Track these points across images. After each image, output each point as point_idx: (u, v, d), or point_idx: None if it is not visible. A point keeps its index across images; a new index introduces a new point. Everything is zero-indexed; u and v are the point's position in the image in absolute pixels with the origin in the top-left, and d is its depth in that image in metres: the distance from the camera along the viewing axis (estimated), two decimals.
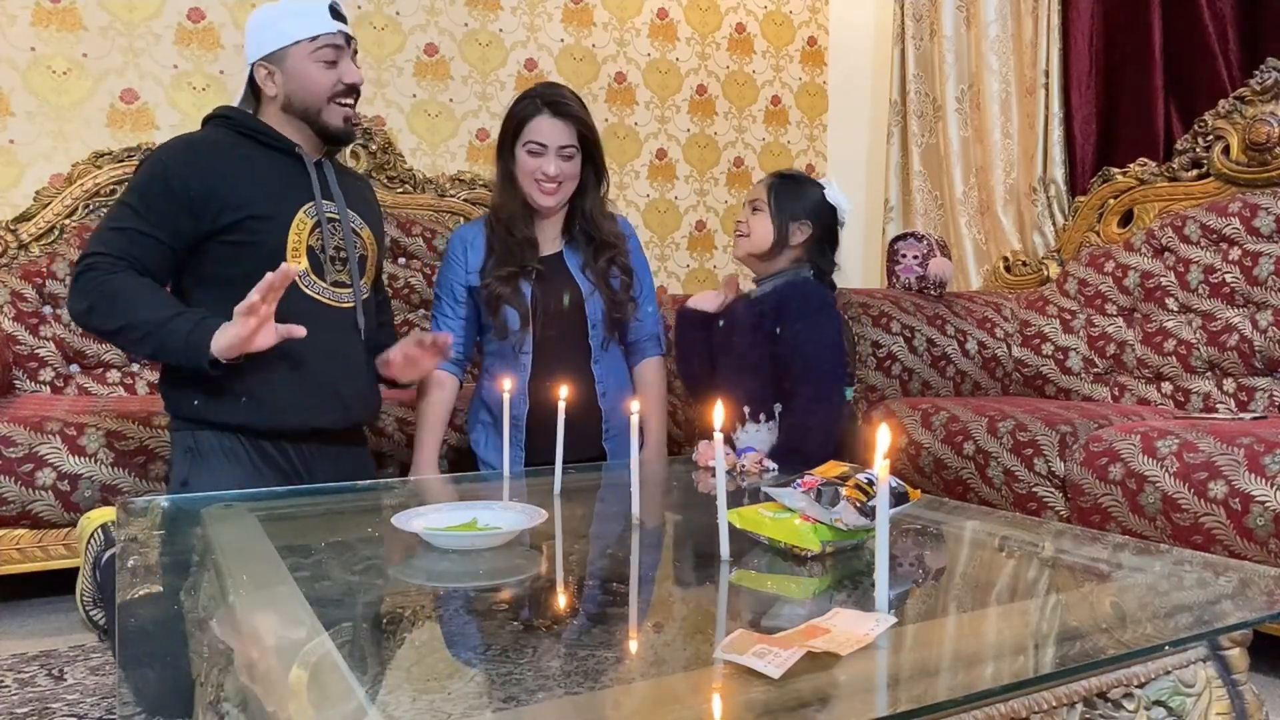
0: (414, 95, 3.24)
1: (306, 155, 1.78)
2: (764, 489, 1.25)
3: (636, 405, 1.40)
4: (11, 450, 1.91)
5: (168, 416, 1.79)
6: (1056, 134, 3.19)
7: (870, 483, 1.16)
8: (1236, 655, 0.96)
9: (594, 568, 1.22)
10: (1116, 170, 2.91)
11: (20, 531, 1.96)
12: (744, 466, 1.74)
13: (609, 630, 0.97)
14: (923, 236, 3.03)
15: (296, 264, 1.72)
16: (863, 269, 3.98)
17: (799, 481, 1.19)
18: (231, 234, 1.68)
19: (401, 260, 2.91)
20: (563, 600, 1.07)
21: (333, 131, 1.78)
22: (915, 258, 2.96)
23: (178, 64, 2.90)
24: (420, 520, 1.23)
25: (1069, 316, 2.81)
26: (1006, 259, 3.23)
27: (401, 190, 3.00)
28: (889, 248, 3.10)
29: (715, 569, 1.12)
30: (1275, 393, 2.35)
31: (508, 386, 1.67)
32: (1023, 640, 0.92)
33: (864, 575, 1.09)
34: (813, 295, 1.91)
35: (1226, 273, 2.48)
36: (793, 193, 1.95)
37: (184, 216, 1.67)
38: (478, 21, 3.33)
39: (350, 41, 1.78)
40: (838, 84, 4.06)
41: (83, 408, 2.08)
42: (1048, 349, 2.81)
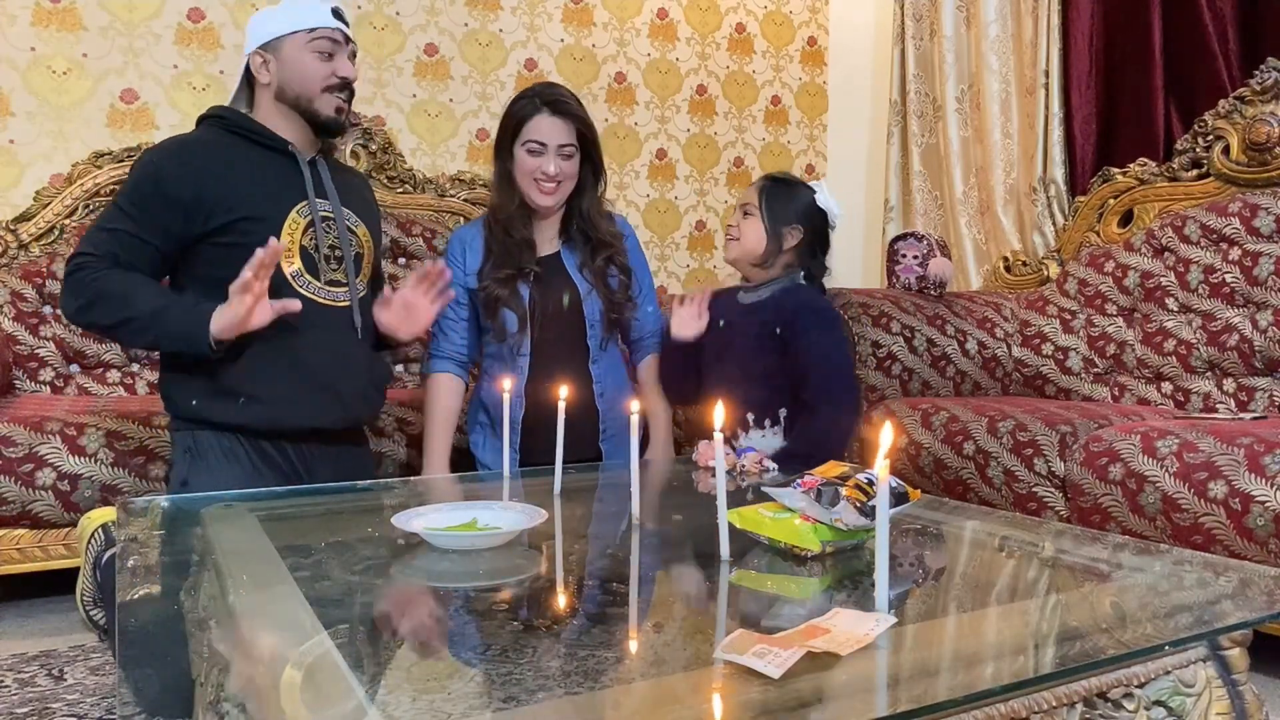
0: (414, 95, 3.24)
1: (300, 154, 1.78)
2: (764, 489, 1.25)
3: (636, 405, 1.40)
4: (11, 450, 1.91)
5: (168, 416, 1.79)
6: (1056, 134, 3.19)
7: (870, 483, 1.16)
8: (1236, 655, 0.96)
9: (594, 568, 1.22)
10: (1116, 170, 2.91)
11: (20, 531, 1.96)
12: (744, 466, 1.74)
13: (609, 630, 0.97)
14: (923, 236, 3.03)
15: (288, 260, 1.72)
16: (863, 269, 3.98)
17: (799, 481, 1.19)
18: (224, 235, 1.68)
19: (401, 260, 2.90)
20: (563, 600, 1.07)
21: (323, 120, 1.77)
22: (915, 258, 2.96)
23: (178, 64, 2.90)
24: (420, 520, 1.23)
25: (1069, 316, 2.81)
26: (1006, 259, 3.23)
27: (401, 190, 3.00)
28: (889, 248, 3.10)
29: (715, 569, 1.12)
30: (1275, 393, 2.35)
31: (507, 387, 1.67)
32: (1023, 640, 0.92)
33: (864, 575, 1.09)
34: (824, 306, 1.95)
35: (1226, 273, 2.48)
36: (784, 197, 1.95)
37: (174, 218, 1.67)
38: (478, 21, 3.33)
39: (349, 42, 1.78)
40: (838, 84, 4.06)
41: (83, 408, 2.08)
42: (1048, 349, 2.81)
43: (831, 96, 4.07)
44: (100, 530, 1.54)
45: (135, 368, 2.59)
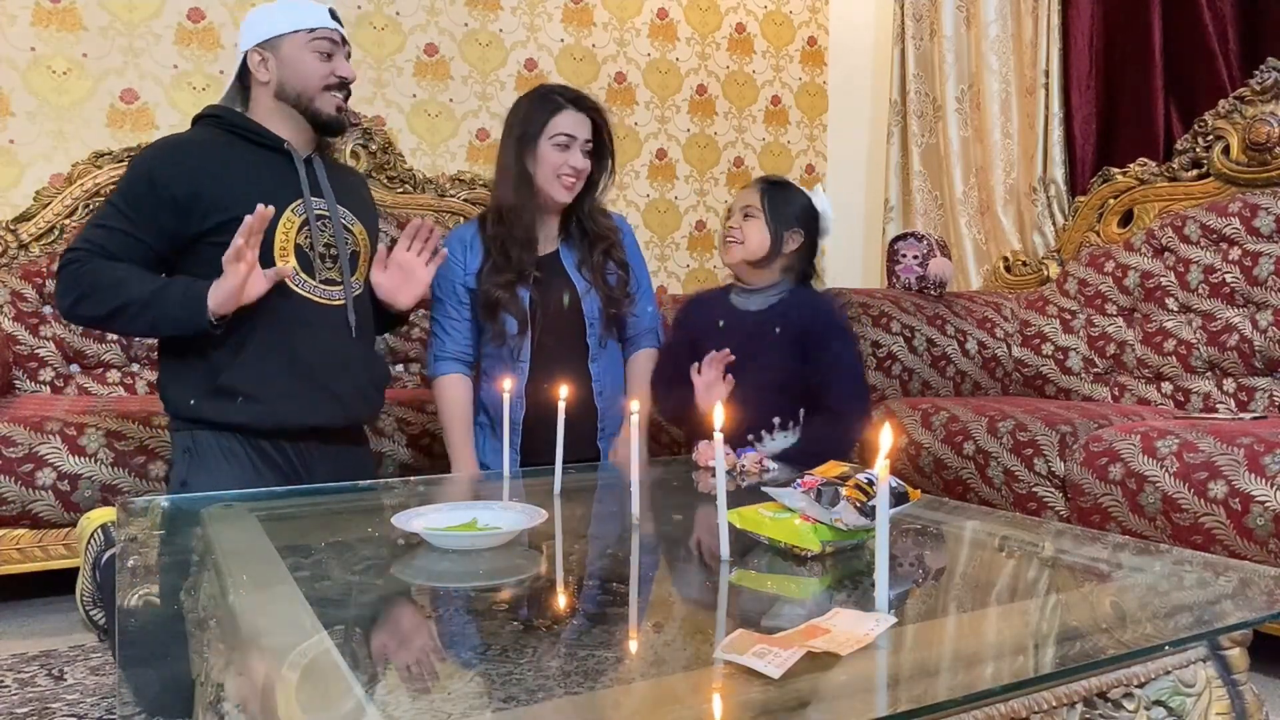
0: (414, 95, 3.24)
1: (296, 152, 1.78)
2: (764, 489, 1.25)
3: (636, 405, 1.40)
4: (11, 450, 1.91)
5: (167, 417, 1.79)
6: (1056, 134, 3.19)
7: (870, 483, 1.16)
8: (1236, 655, 0.96)
9: (594, 568, 1.22)
10: (1116, 170, 2.91)
11: (20, 531, 1.96)
12: (744, 466, 1.74)
13: (609, 630, 0.97)
14: (923, 236, 3.03)
15: (283, 259, 1.72)
16: (863, 269, 3.98)
17: (799, 481, 1.19)
18: (220, 235, 1.67)
19: None
20: (563, 600, 1.07)
21: (325, 119, 1.78)
22: (915, 258, 2.96)
23: (178, 64, 2.90)
24: (420, 520, 1.23)
25: (1069, 316, 2.81)
26: (1006, 259, 3.23)
27: (401, 190, 3.00)
28: (889, 248, 3.10)
29: (715, 569, 1.12)
30: (1275, 393, 2.35)
31: (507, 388, 1.67)
32: (1023, 640, 0.92)
33: (864, 575, 1.09)
34: (839, 313, 2.01)
35: (1226, 273, 2.48)
36: (785, 200, 1.97)
37: (168, 217, 1.67)
38: (478, 21, 3.33)
39: (346, 44, 1.79)
40: (838, 84, 4.06)
41: (83, 408, 2.08)
42: (1048, 349, 2.81)
43: (831, 96, 4.07)
44: (100, 530, 1.54)
45: (135, 368, 2.59)
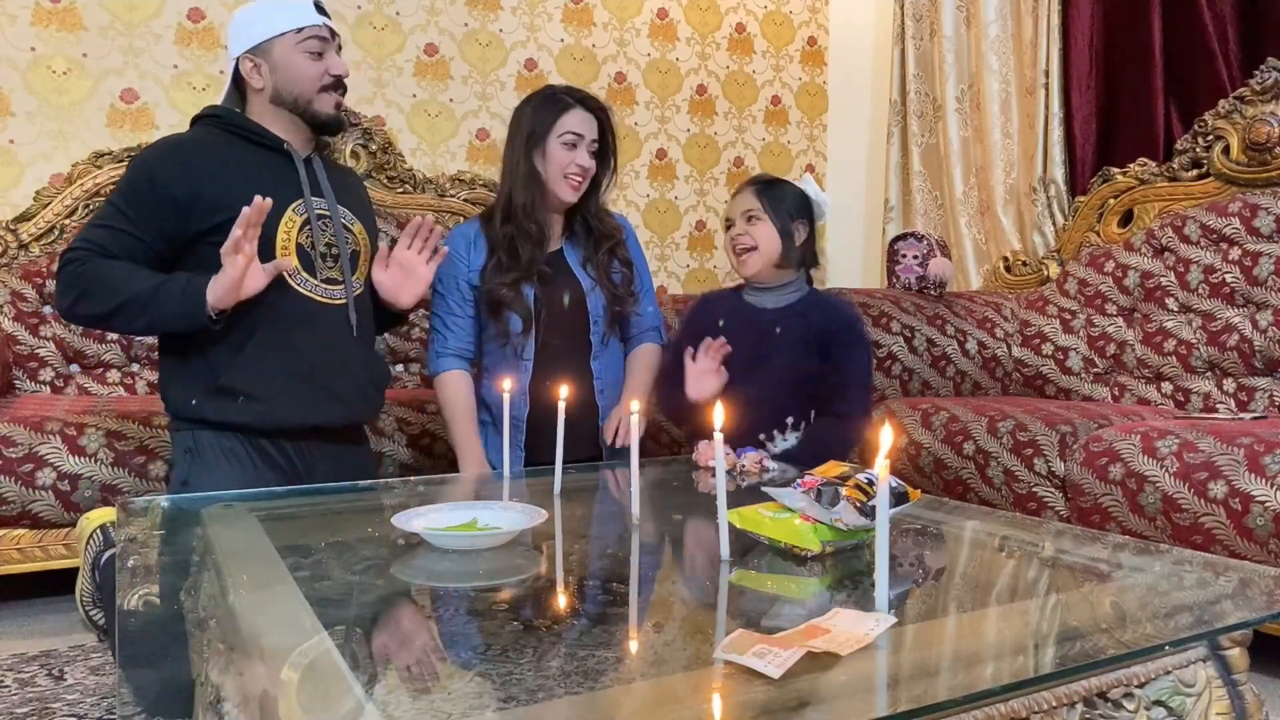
0: (414, 95, 3.24)
1: (295, 152, 1.78)
2: (764, 489, 1.25)
3: (637, 405, 1.40)
4: (11, 450, 1.91)
5: (167, 417, 1.79)
6: (1056, 134, 3.19)
7: (870, 483, 1.16)
8: (1236, 655, 0.96)
9: (594, 568, 1.22)
10: (1116, 170, 2.91)
11: (20, 531, 1.96)
12: (744, 466, 1.74)
13: (609, 630, 0.97)
14: (923, 236, 3.03)
15: (285, 255, 1.72)
16: (863, 269, 3.97)
17: (799, 481, 1.19)
18: (220, 235, 1.65)
19: None
20: (563, 600, 1.07)
21: (324, 119, 1.78)
22: (915, 258, 2.96)
23: (178, 64, 2.90)
24: (420, 520, 1.23)
25: (1069, 316, 2.81)
26: (1006, 259, 3.23)
27: (401, 190, 2.99)
28: (889, 248, 3.10)
29: (715, 569, 1.12)
30: (1275, 393, 2.35)
31: (507, 387, 1.67)
32: (1023, 640, 0.92)
33: (864, 575, 1.09)
34: (861, 321, 2.02)
35: (1226, 273, 2.48)
36: (781, 195, 1.98)
37: (168, 217, 1.67)
38: (478, 21, 3.33)
39: (335, 36, 1.78)
40: (838, 84, 4.05)
41: (83, 408, 2.08)
42: (1048, 349, 2.81)
43: (831, 96, 4.07)
44: (100, 530, 1.54)
45: (135, 368, 2.59)
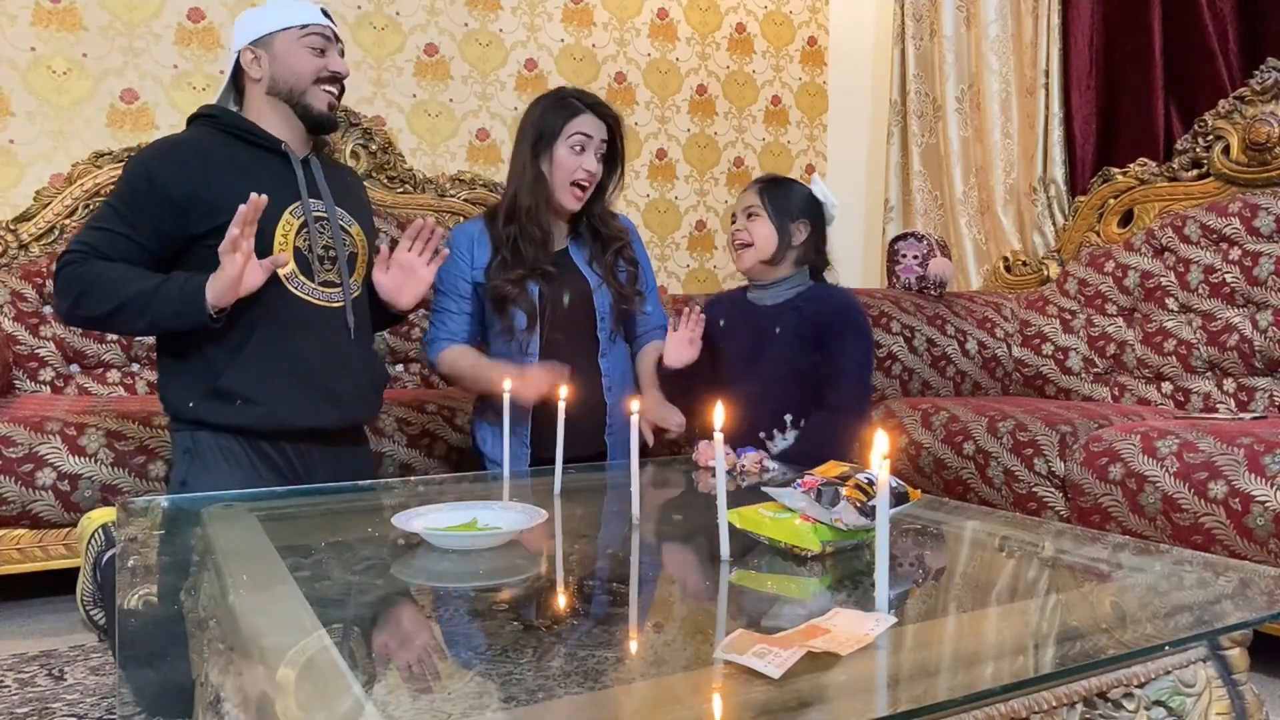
0: (414, 95, 3.24)
1: (293, 153, 1.78)
2: (764, 489, 1.25)
3: (637, 405, 1.40)
4: (11, 450, 1.91)
5: (167, 417, 1.79)
6: (1056, 134, 3.19)
7: (870, 483, 1.16)
8: (1236, 655, 0.96)
9: (594, 568, 1.22)
10: (1116, 170, 2.91)
11: (20, 531, 1.96)
12: (744, 466, 1.74)
13: (609, 630, 0.97)
14: (923, 236, 3.03)
15: (281, 253, 1.72)
16: (863, 269, 3.98)
17: (799, 481, 1.19)
18: (218, 237, 1.64)
19: None
20: (563, 600, 1.07)
21: (315, 114, 1.77)
22: (915, 258, 2.96)
23: (178, 64, 2.90)
24: (420, 520, 1.23)
25: (1069, 316, 2.81)
26: (1006, 259, 3.23)
27: (401, 190, 3.00)
28: (889, 248, 3.10)
29: (715, 569, 1.12)
30: (1275, 393, 2.35)
31: (507, 388, 1.67)
32: (1023, 640, 0.92)
33: (864, 575, 1.09)
34: (859, 310, 1.99)
35: (1226, 273, 2.48)
36: (785, 194, 1.98)
37: (166, 218, 1.67)
38: (478, 21, 3.33)
39: (338, 40, 1.79)
40: (838, 84, 4.06)
41: (83, 408, 2.08)
42: (1048, 349, 2.81)
43: (831, 96, 4.07)
44: (100, 530, 1.54)
45: (135, 368, 2.59)
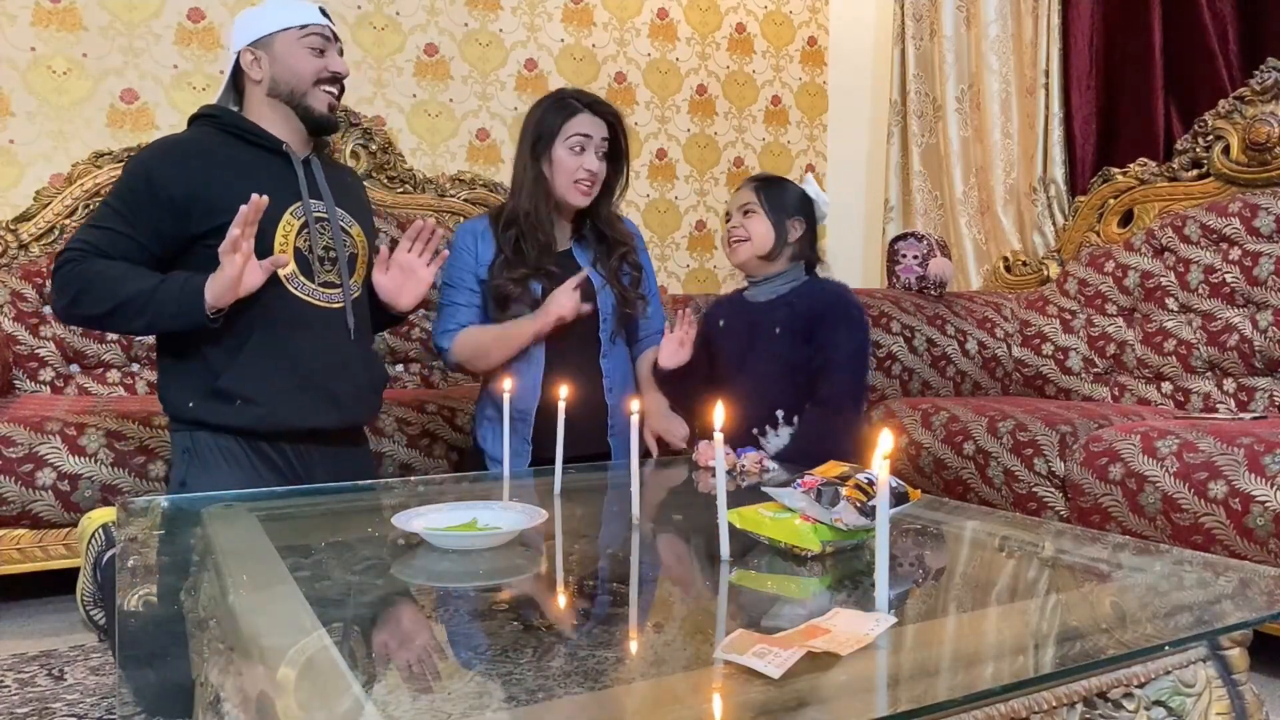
0: (414, 95, 3.24)
1: (294, 153, 1.77)
2: (764, 489, 1.25)
3: (637, 405, 1.40)
4: (11, 450, 1.91)
5: (167, 417, 1.79)
6: (1056, 134, 3.19)
7: (870, 483, 1.16)
8: (1236, 655, 0.96)
9: (594, 568, 1.22)
10: (1116, 170, 2.91)
11: (20, 531, 1.96)
12: (744, 466, 1.74)
13: (609, 630, 0.97)
14: (923, 236, 3.03)
15: (281, 254, 1.72)
16: (863, 269, 3.98)
17: (799, 481, 1.19)
18: (218, 238, 1.64)
19: None
20: (563, 600, 1.07)
21: (316, 116, 1.77)
22: (915, 258, 2.96)
23: (178, 64, 2.91)
24: (420, 520, 1.23)
25: (1069, 316, 2.81)
26: (1006, 259, 3.23)
27: (401, 190, 3.00)
28: (889, 248, 3.10)
29: (715, 569, 1.12)
30: (1275, 393, 2.35)
31: (508, 386, 1.67)
32: (1023, 640, 0.92)
33: (864, 575, 1.09)
34: (852, 302, 1.97)
35: (1226, 273, 2.48)
36: (780, 192, 1.99)
37: (165, 218, 1.66)
38: (478, 21, 3.34)
39: (338, 41, 1.79)
40: (838, 84, 4.06)
41: (83, 408, 2.08)
42: (1048, 349, 2.81)
43: (831, 96, 4.07)
44: (100, 530, 1.54)
45: (135, 368, 2.59)
